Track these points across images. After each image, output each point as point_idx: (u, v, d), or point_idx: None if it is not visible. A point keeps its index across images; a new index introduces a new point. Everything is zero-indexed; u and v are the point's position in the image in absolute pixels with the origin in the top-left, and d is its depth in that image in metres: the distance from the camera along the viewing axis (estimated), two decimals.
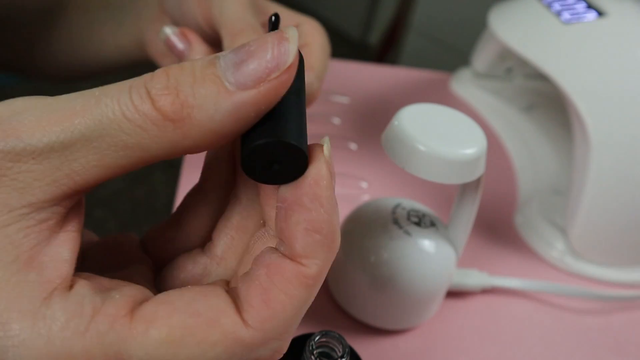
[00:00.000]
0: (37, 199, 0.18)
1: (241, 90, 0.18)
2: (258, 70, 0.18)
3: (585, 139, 0.42)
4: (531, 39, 0.47)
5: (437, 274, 0.36)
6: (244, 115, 0.18)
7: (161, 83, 0.18)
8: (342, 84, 0.61)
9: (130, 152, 0.18)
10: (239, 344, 0.18)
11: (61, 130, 0.17)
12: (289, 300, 0.18)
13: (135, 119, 0.18)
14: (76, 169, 0.18)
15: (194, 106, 0.18)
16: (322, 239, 0.19)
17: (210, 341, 0.18)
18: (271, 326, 0.18)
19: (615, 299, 0.44)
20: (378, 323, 0.38)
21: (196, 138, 0.18)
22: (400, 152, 0.31)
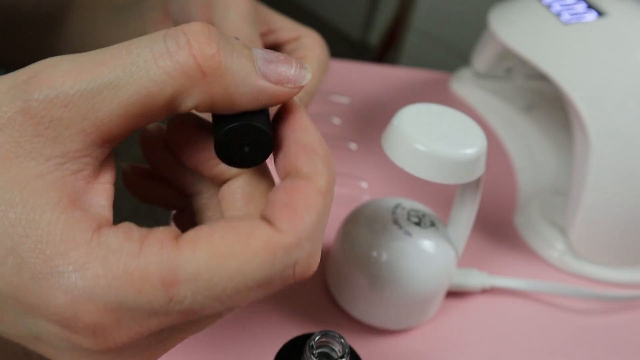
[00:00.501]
0: (68, 148, 0.19)
1: (265, 79, 0.21)
2: (281, 75, 0.21)
3: (585, 139, 0.42)
4: (531, 39, 0.47)
5: (437, 274, 0.36)
6: (259, 100, 0.21)
7: (204, 34, 0.19)
8: (342, 84, 0.61)
9: (152, 100, 0.19)
10: (278, 247, 0.20)
11: (91, 79, 0.19)
12: (311, 207, 0.20)
13: (165, 66, 0.19)
14: (101, 117, 0.19)
15: (229, 70, 0.20)
16: (321, 156, 0.22)
17: (252, 249, 0.19)
18: (302, 228, 0.20)
19: (615, 299, 0.44)
20: (378, 323, 0.38)
21: (215, 95, 0.20)
22: (400, 152, 0.31)
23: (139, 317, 0.19)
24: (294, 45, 0.42)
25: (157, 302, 0.19)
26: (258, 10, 0.41)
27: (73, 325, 0.19)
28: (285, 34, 0.42)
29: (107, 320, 0.19)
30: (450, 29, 1.61)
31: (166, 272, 0.19)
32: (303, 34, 0.42)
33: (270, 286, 0.20)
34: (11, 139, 0.19)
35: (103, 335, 0.19)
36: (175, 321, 0.20)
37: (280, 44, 0.42)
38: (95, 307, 0.19)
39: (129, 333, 0.20)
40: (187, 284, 0.19)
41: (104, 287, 0.19)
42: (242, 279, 0.20)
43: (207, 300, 0.20)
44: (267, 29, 0.42)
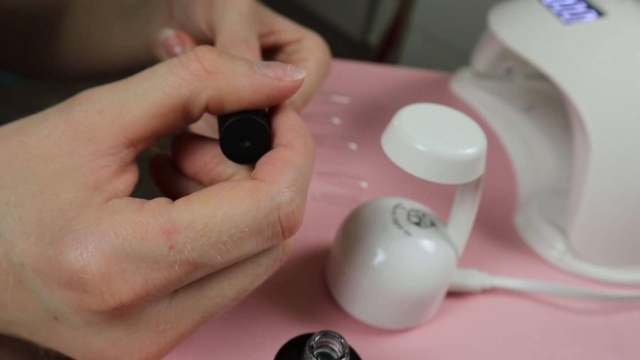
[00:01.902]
0: (99, 147, 0.23)
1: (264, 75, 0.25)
2: (278, 71, 0.25)
3: (585, 139, 0.42)
4: (531, 39, 0.47)
5: (437, 274, 0.36)
6: (259, 92, 0.25)
7: (207, 48, 0.24)
8: (342, 84, 0.61)
9: (170, 100, 0.23)
10: (260, 192, 0.23)
11: (119, 91, 0.23)
12: (288, 163, 0.24)
13: (179, 72, 0.23)
14: (128, 120, 0.23)
15: (229, 67, 0.24)
16: (298, 130, 0.25)
17: (239, 196, 0.22)
18: (280, 177, 0.23)
19: (615, 299, 0.44)
20: (378, 323, 0.38)
21: (222, 90, 0.24)
22: (400, 152, 0.31)
23: (143, 267, 0.21)
24: (294, 47, 0.42)
25: (159, 249, 0.21)
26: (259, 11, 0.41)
27: (83, 280, 0.21)
28: (287, 35, 0.42)
29: (113, 269, 0.21)
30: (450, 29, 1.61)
31: (165, 222, 0.21)
32: (304, 37, 0.42)
33: (261, 232, 0.23)
34: (54, 143, 0.22)
35: (109, 290, 0.21)
36: (177, 277, 0.22)
37: (281, 46, 0.42)
38: (102, 256, 0.21)
39: (135, 287, 0.21)
40: (185, 232, 0.22)
41: (110, 237, 0.21)
42: (234, 223, 0.22)
43: (206, 248, 0.22)
44: (269, 30, 0.42)
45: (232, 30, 0.37)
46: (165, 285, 0.22)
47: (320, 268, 0.42)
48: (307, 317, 0.38)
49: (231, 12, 0.37)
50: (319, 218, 0.46)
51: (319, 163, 0.51)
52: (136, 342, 0.23)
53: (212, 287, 0.24)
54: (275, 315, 0.38)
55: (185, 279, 0.22)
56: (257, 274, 0.25)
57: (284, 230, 0.23)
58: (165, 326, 0.24)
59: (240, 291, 0.25)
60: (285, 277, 0.40)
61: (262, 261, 0.25)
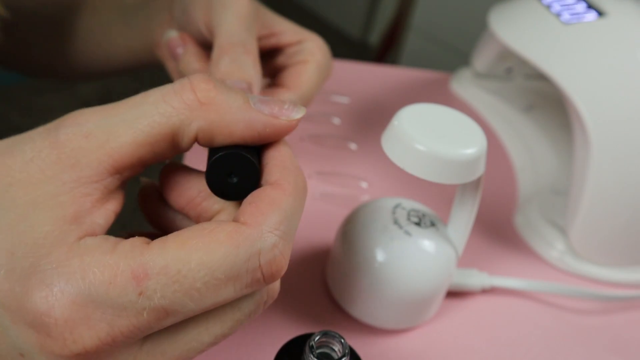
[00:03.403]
0: (82, 173, 0.22)
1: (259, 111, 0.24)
2: (274, 109, 0.24)
3: (585, 139, 0.42)
4: (531, 39, 0.47)
5: (437, 274, 0.36)
6: (251, 128, 0.24)
7: (203, 77, 0.23)
8: (342, 84, 0.61)
9: (159, 129, 0.22)
10: (241, 237, 0.21)
11: (110, 115, 0.22)
12: (274, 204, 0.23)
13: (171, 100, 0.22)
14: (114, 147, 0.22)
15: (223, 100, 0.23)
16: (288, 167, 0.24)
17: (217, 240, 0.21)
18: (263, 220, 0.22)
19: (615, 299, 0.44)
20: (378, 323, 0.38)
21: (212, 122, 0.23)
22: (400, 152, 0.31)
23: (109, 314, 0.20)
24: (295, 48, 0.42)
25: (127, 295, 0.20)
26: (260, 13, 0.40)
27: (46, 324, 0.20)
28: (287, 37, 0.42)
29: (77, 315, 0.20)
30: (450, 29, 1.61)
31: (136, 266, 0.21)
32: (305, 38, 0.42)
33: (239, 279, 0.22)
34: (37, 167, 0.22)
35: (72, 336, 0.20)
36: (147, 324, 0.21)
37: (282, 47, 0.42)
38: (66, 300, 0.20)
39: (99, 334, 0.21)
40: (157, 277, 0.21)
41: (77, 281, 0.20)
42: (209, 269, 0.21)
43: (177, 295, 0.21)
44: (269, 32, 0.41)
45: (230, 32, 0.37)
46: (133, 332, 0.21)
47: (320, 268, 0.42)
48: (307, 317, 0.38)
49: (229, 15, 0.37)
50: (319, 218, 0.46)
51: (319, 163, 0.51)
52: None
53: (188, 332, 0.23)
54: (275, 315, 0.38)
55: (156, 326, 0.21)
56: (237, 319, 0.24)
57: (265, 277, 0.22)
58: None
59: (217, 337, 0.24)
60: (285, 277, 0.40)
61: (243, 306, 0.24)
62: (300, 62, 0.40)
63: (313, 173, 0.49)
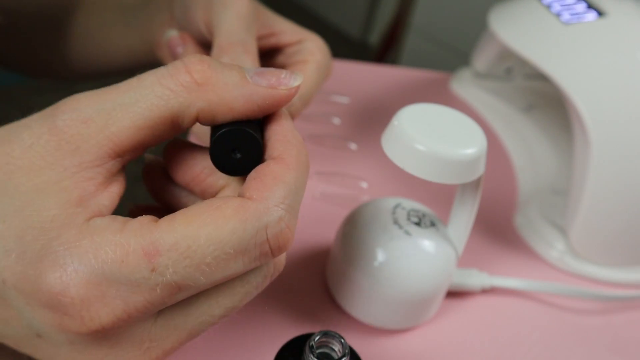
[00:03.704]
0: (84, 159, 0.22)
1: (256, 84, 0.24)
2: (272, 79, 0.24)
3: (585, 139, 0.42)
4: (531, 39, 0.47)
5: (437, 274, 0.36)
6: (251, 102, 0.24)
7: (196, 58, 0.23)
8: (342, 84, 0.61)
9: (158, 112, 0.22)
10: (247, 211, 0.22)
11: (107, 100, 0.22)
12: (278, 179, 0.23)
13: (167, 83, 0.22)
14: (114, 131, 0.22)
15: (220, 78, 0.23)
16: (291, 141, 0.24)
17: (225, 215, 0.21)
18: (269, 194, 0.22)
19: (615, 299, 0.44)
20: (378, 323, 0.38)
21: (212, 102, 0.23)
22: (400, 152, 0.31)
23: (124, 291, 0.21)
24: (295, 48, 0.42)
25: (140, 272, 0.21)
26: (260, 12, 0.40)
27: (62, 303, 0.21)
28: (287, 37, 0.42)
29: (93, 293, 0.21)
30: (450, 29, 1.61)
31: (147, 243, 0.21)
32: (305, 38, 0.42)
33: (247, 253, 0.22)
34: (38, 154, 0.22)
35: (89, 314, 0.21)
36: (160, 299, 0.21)
37: (282, 47, 0.42)
38: (81, 279, 0.20)
39: (115, 310, 0.21)
40: (168, 253, 0.21)
41: (90, 260, 0.21)
42: (218, 244, 0.21)
43: (188, 270, 0.21)
44: (269, 32, 0.41)
45: (229, 32, 0.37)
46: (147, 307, 0.21)
47: (320, 268, 0.42)
48: (307, 317, 0.38)
49: (229, 14, 0.37)
50: (319, 218, 0.46)
51: (319, 163, 0.51)
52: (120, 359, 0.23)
53: (199, 305, 0.24)
54: (275, 315, 0.38)
55: (169, 301, 0.22)
56: (247, 292, 0.24)
57: (273, 250, 0.23)
58: (151, 344, 0.23)
59: (228, 309, 0.24)
60: (285, 277, 0.40)
61: (251, 279, 0.24)
62: (300, 61, 0.41)
63: (313, 173, 0.49)
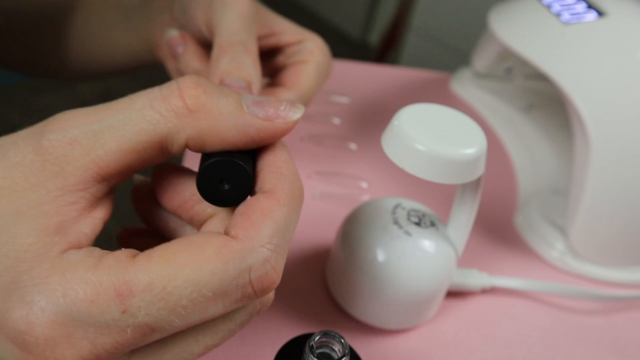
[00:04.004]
0: (68, 182, 0.21)
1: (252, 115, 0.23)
2: (269, 111, 0.23)
3: (585, 139, 0.42)
4: (531, 39, 0.47)
5: (437, 274, 0.36)
6: (246, 134, 0.22)
7: (192, 81, 0.22)
8: (342, 84, 0.61)
9: (146, 137, 0.21)
10: (230, 252, 0.20)
11: (95, 121, 0.21)
12: (267, 216, 0.21)
13: (159, 107, 0.21)
14: (100, 154, 0.21)
15: (214, 106, 0.22)
16: (285, 175, 0.23)
17: (205, 256, 0.20)
18: (255, 234, 0.21)
19: (615, 299, 0.44)
20: (378, 323, 0.38)
21: (203, 130, 0.22)
22: (400, 152, 0.31)
23: (92, 332, 0.20)
24: (295, 48, 0.42)
25: (109, 314, 0.20)
26: (261, 12, 0.40)
27: (27, 342, 0.20)
28: (287, 37, 0.42)
29: (58, 334, 0.19)
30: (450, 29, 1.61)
31: (120, 283, 0.20)
32: (305, 38, 0.42)
33: (228, 296, 0.21)
34: (22, 174, 0.21)
35: (54, 354, 0.20)
36: (131, 341, 0.20)
37: (282, 47, 0.42)
38: (47, 319, 0.19)
39: (81, 352, 0.20)
40: (141, 294, 0.20)
41: (57, 299, 0.19)
42: (196, 286, 0.20)
43: (163, 312, 0.20)
44: (269, 32, 0.42)
45: (230, 32, 0.37)
46: (117, 348, 0.20)
47: (320, 268, 0.42)
48: (307, 317, 0.38)
49: (229, 14, 0.37)
50: (319, 218, 0.46)
51: (319, 163, 0.51)
52: None
53: (177, 343, 0.22)
54: (275, 315, 0.38)
55: (141, 342, 0.21)
56: (229, 330, 0.23)
57: (257, 292, 0.21)
58: None
59: (208, 347, 0.23)
60: (285, 277, 0.40)
61: (235, 317, 0.23)
62: (300, 61, 0.41)
63: (313, 173, 0.49)
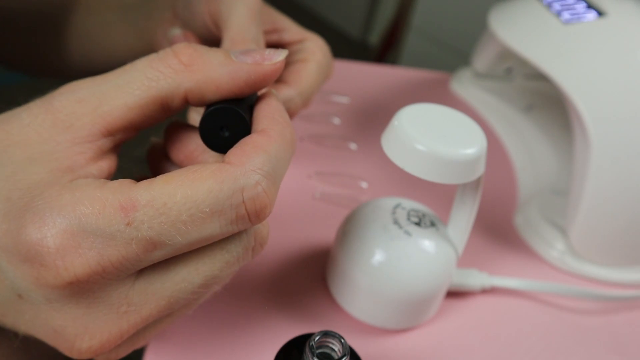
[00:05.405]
0: (77, 134, 0.23)
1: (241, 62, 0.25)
2: (256, 56, 0.25)
3: (585, 139, 0.42)
4: (531, 39, 0.47)
5: (437, 274, 0.36)
6: (237, 78, 0.25)
7: (184, 44, 0.25)
8: (342, 84, 0.61)
9: (148, 92, 0.24)
10: (224, 173, 0.22)
11: (100, 82, 0.24)
12: (259, 148, 0.24)
13: (157, 66, 0.24)
14: (106, 109, 0.24)
15: (205, 59, 0.24)
16: (276, 118, 0.25)
17: (202, 177, 0.22)
18: (247, 160, 0.23)
19: (615, 299, 0.44)
20: (378, 323, 0.38)
21: (199, 81, 0.24)
22: (400, 152, 0.31)
23: (99, 243, 0.21)
24: (296, 47, 0.42)
25: (115, 225, 0.21)
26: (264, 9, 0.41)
27: (39, 253, 0.21)
28: (290, 35, 0.42)
29: (68, 243, 0.21)
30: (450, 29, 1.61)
31: (124, 199, 0.22)
32: (307, 38, 0.42)
33: (223, 214, 0.23)
34: (34, 130, 0.23)
35: (64, 263, 0.21)
36: (135, 256, 0.22)
37: (284, 45, 0.43)
38: (58, 229, 0.21)
39: (89, 261, 0.21)
40: (144, 209, 0.22)
41: (68, 212, 0.21)
42: (194, 202, 0.22)
43: (164, 226, 0.22)
44: (272, 28, 0.42)
45: (242, 26, 0.36)
46: (122, 262, 0.22)
47: (320, 268, 0.42)
48: (307, 317, 0.38)
49: (241, 8, 0.37)
50: (319, 218, 0.46)
51: (319, 163, 0.51)
52: (97, 321, 0.23)
53: (178, 270, 0.24)
54: (275, 315, 0.38)
55: (144, 258, 0.22)
56: (226, 261, 0.25)
57: (250, 214, 0.23)
58: (128, 308, 0.23)
59: (207, 277, 0.24)
60: (285, 277, 0.40)
61: (231, 247, 0.25)
62: (301, 60, 0.41)
63: (313, 173, 0.49)
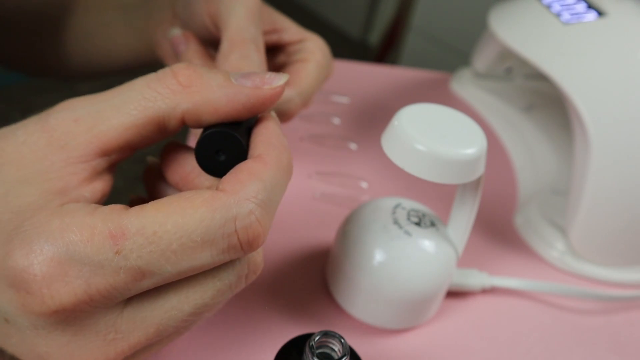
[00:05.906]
0: (71, 154, 0.23)
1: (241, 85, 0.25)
2: (256, 80, 0.25)
3: (585, 139, 0.42)
4: (531, 39, 0.47)
5: (437, 274, 0.36)
6: (235, 102, 0.24)
7: (183, 64, 0.24)
8: (342, 84, 0.61)
9: (145, 112, 0.23)
10: (218, 202, 0.22)
11: (97, 101, 0.24)
12: (253, 174, 0.23)
13: (155, 86, 0.24)
14: (102, 129, 0.23)
15: (204, 81, 0.24)
16: (273, 143, 0.25)
17: (194, 205, 0.22)
18: (240, 188, 0.23)
19: (615, 299, 0.44)
20: (378, 323, 0.38)
21: (196, 103, 0.24)
22: (400, 152, 0.31)
23: (86, 271, 0.21)
24: (296, 47, 0.42)
25: (103, 253, 0.21)
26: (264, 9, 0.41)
27: (25, 280, 0.21)
28: (290, 35, 0.42)
29: (55, 271, 0.21)
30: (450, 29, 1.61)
31: (114, 226, 0.21)
32: (306, 38, 0.42)
33: (215, 244, 0.22)
34: (29, 149, 0.23)
35: (50, 291, 0.21)
36: (124, 285, 0.21)
37: (284, 45, 0.43)
38: (45, 257, 0.21)
39: (76, 290, 0.21)
40: (133, 237, 0.21)
41: (55, 239, 0.21)
42: (185, 232, 0.22)
43: (153, 256, 0.21)
44: (272, 28, 0.42)
45: (241, 27, 0.36)
46: (110, 291, 0.21)
47: (320, 268, 0.42)
48: (307, 317, 0.38)
49: (240, 9, 0.37)
50: (319, 218, 0.46)
51: (319, 163, 0.51)
52: (83, 349, 0.23)
53: (168, 298, 0.23)
54: (275, 315, 0.38)
55: (133, 287, 0.22)
56: (218, 289, 0.24)
57: (242, 243, 0.22)
58: (115, 335, 0.23)
59: (198, 306, 0.24)
60: (285, 277, 0.40)
61: (224, 276, 0.24)
62: (301, 60, 0.41)
63: (313, 173, 0.49)
